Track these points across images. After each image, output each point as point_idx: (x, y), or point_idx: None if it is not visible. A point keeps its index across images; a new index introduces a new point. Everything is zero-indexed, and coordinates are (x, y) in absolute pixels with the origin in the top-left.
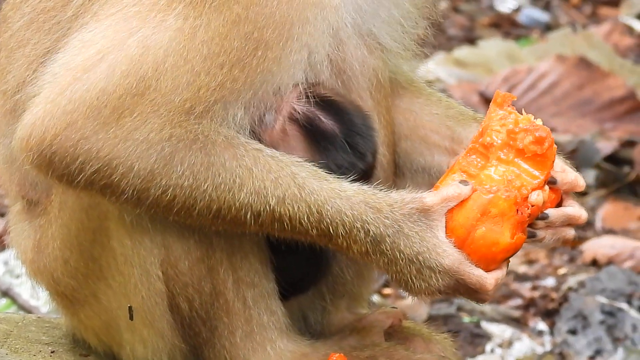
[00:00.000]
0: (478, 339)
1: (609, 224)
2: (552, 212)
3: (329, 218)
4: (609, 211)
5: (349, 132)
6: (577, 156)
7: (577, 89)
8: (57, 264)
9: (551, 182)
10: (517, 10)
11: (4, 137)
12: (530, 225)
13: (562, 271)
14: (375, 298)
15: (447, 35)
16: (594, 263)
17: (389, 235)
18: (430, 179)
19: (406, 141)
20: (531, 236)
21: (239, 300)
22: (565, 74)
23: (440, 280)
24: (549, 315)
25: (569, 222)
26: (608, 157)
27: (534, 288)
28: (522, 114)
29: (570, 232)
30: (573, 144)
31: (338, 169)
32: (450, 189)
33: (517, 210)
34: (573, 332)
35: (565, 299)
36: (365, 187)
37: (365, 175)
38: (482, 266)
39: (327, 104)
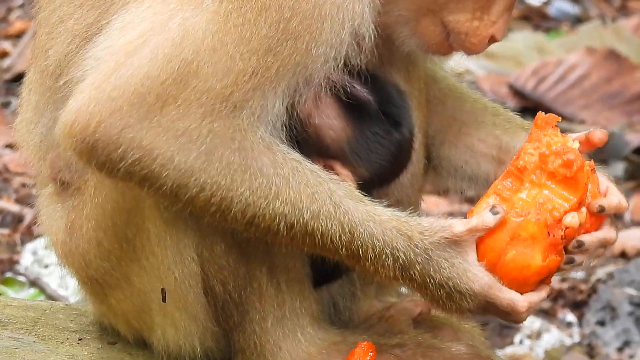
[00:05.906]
0: (507, 330)
1: (637, 216)
2: (587, 239)
3: (360, 240)
4: (637, 203)
5: (383, 102)
6: (605, 149)
7: (606, 82)
8: (90, 246)
9: (600, 211)
10: (547, 2)
11: (41, 116)
12: (568, 251)
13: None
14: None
15: None
16: (623, 255)
17: (418, 263)
18: (476, 187)
19: (450, 148)
20: (569, 262)
21: (272, 285)
22: (594, 67)
23: (470, 302)
24: (578, 306)
25: (603, 245)
26: (637, 149)
27: (563, 280)
28: (561, 137)
29: (605, 251)
30: None
31: (374, 137)
32: (479, 219)
33: (549, 233)
34: (601, 323)
35: (593, 290)
36: (398, 212)
37: (403, 150)
38: (515, 288)
39: (362, 76)
